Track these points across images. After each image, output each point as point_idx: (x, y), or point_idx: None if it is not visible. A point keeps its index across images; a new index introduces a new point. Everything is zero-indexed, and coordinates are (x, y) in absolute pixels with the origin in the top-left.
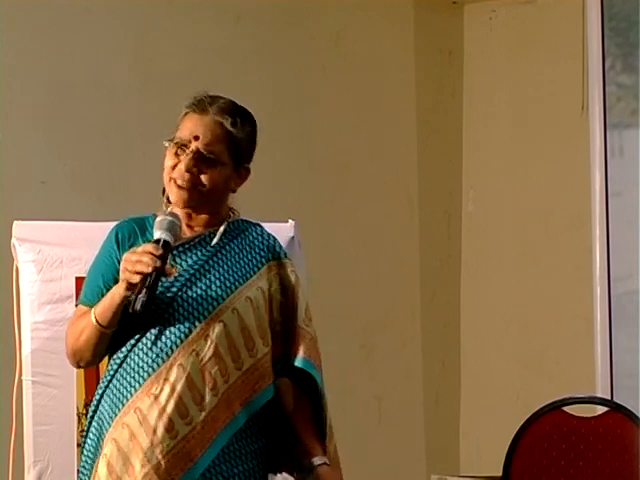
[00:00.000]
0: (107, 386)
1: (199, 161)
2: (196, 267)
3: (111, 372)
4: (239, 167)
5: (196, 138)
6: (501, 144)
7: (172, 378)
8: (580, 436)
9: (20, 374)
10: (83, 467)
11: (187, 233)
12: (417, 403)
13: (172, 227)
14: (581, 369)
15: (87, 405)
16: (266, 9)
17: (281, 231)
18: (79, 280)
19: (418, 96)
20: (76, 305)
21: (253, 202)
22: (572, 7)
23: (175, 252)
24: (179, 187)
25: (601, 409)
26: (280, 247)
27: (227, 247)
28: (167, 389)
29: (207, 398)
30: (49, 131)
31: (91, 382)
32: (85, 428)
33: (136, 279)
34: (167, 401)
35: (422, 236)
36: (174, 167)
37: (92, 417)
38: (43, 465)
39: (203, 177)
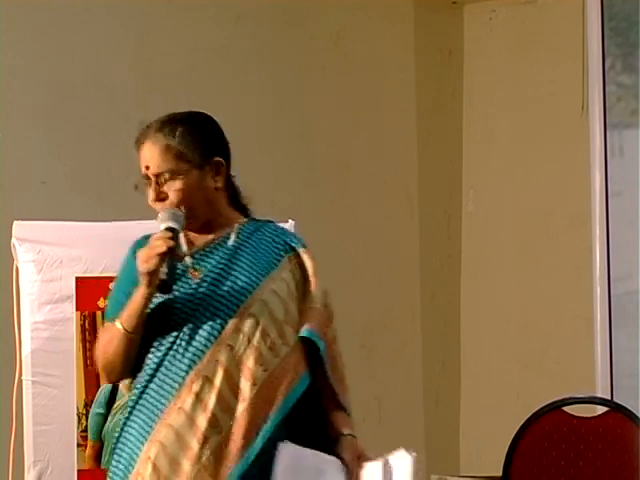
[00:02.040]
0: (141, 394)
1: (162, 185)
2: (220, 267)
3: (148, 374)
4: (205, 166)
5: (147, 168)
6: (501, 144)
7: (210, 374)
8: (580, 436)
9: (20, 374)
10: (115, 467)
11: (200, 242)
12: (417, 403)
13: (174, 216)
14: (581, 369)
15: (87, 405)
16: (266, 9)
17: None
18: (79, 280)
19: (418, 96)
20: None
21: (253, 202)
22: (572, 7)
23: (196, 255)
24: None
25: (601, 409)
26: (295, 238)
27: (245, 245)
28: (207, 386)
29: (246, 390)
30: (49, 131)
31: (91, 382)
32: (118, 430)
33: (155, 262)
34: (209, 397)
35: (422, 236)
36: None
37: (127, 419)
38: (43, 465)
39: (172, 197)
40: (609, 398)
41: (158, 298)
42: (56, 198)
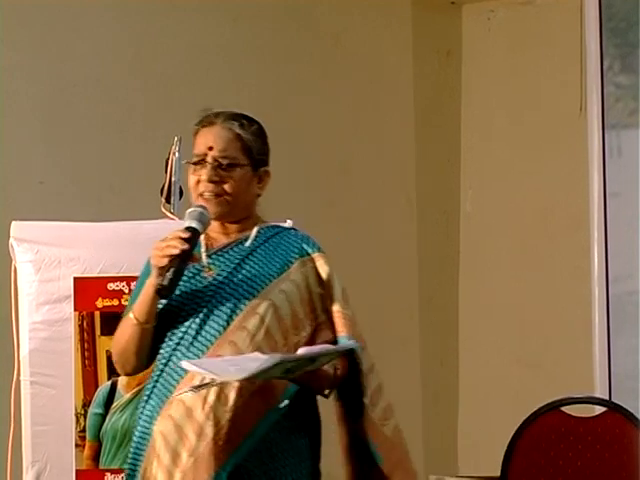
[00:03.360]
0: (154, 385)
1: (219, 169)
2: (232, 265)
3: (160, 368)
4: (258, 170)
5: (210, 149)
6: (499, 144)
7: None
8: (578, 436)
9: (18, 374)
10: (132, 464)
11: (224, 240)
12: (415, 403)
13: (201, 217)
14: (579, 369)
15: (85, 405)
16: (264, 10)
17: None
18: (77, 280)
19: (416, 96)
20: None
21: None
22: (570, 7)
23: (213, 256)
24: (206, 200)
25: (599, 409)
26: (313, 243)
27: (261, 247)
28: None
29: (244, 385)
30: (47, 131)
31: (89, 382)
32: (134, 426)
33: (165, 262)
34: (207, 391)
35: (420, 236)
36: (198, 182)
37: (142, 412)
38: (41, 465)
39: (226, 185)
40: (607, 398)
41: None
42: (54, 198)
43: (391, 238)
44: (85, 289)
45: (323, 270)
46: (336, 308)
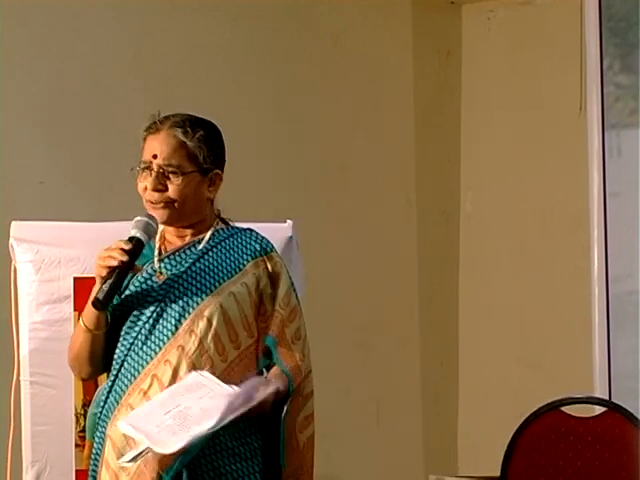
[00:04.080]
0: (110, 389)
1: (163, 176)
2: (182, 269)
3: (114, 373)
4: (208, 174)
5: (154, 157)
6: (499, 144)
7: (160, 373)
8: (578, 436)
9: (18, 374)
10: (92, 471)
11: (179, 244)
12: (415, 403)
13: (146, 227)
14: (579, 369)
15: (85, 405)
16: (264, 10)
17: (279, 231)
18: (77, 280)
19: (416, 96)
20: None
21: (252, 202)
22: (570, 7)
23: (165, 260)
24: (153, 206)
25: (599, 409)
26: (267, 243)
27: (213, 250)
28: (155, 384)
29: None
30: (47, 131)
31: (89, 383)
32: (83, 428)
33: (104, 273)
34: (155, 395)
35: (420, 237)
36: (145, 189)
37: (98, 419)
38: (41, 465)
39: (171, 192)
40: (607, 398)
41: (123, 295)
42: (54, 198)
43: (391, 238)
44: (85, 289)
45: (274, 270)
46: (275, 307)
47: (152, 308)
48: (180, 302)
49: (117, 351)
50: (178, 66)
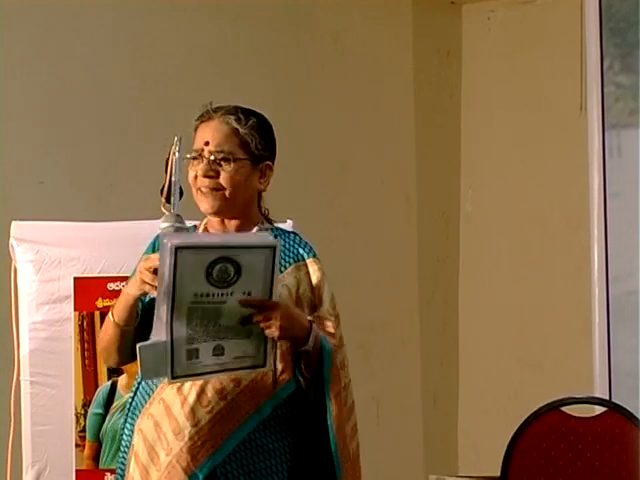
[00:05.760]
0: (140, 382)
1: (215, 164)
2: None
3: None
4: (259, 164)
5: (207, 144)
6: (499, 144)
7: None
8: (578, 436)
9: (18, 374)
10: (121, 463)
11: None
12: (415, 403)
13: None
14: (579, 369)
15: (85, 405)
16: (264, 9)
17: None
18: (77, 280)
19: (416, 96)
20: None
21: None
22: (570, 7)
23: None
24: (203, 194)
25: (599, 409)
26: (309, 249)
27: None
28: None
29: (228, 388)
30: (47, 131)
31: (89, 382)
32: (121, 425)
33: (146, 288)
34: (189, 390)
35: (420, 236)
36: (196, 177)
37: (127, 412)
38: (41, 465)
39: (222, 179)
40: (607, 398)
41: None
42: (54, 198)
43: (391, 238)
44: (85, 289)
45: (315, 276)
46: (322, 313)
47: None
48: None
49: None
50: (178, 66)
